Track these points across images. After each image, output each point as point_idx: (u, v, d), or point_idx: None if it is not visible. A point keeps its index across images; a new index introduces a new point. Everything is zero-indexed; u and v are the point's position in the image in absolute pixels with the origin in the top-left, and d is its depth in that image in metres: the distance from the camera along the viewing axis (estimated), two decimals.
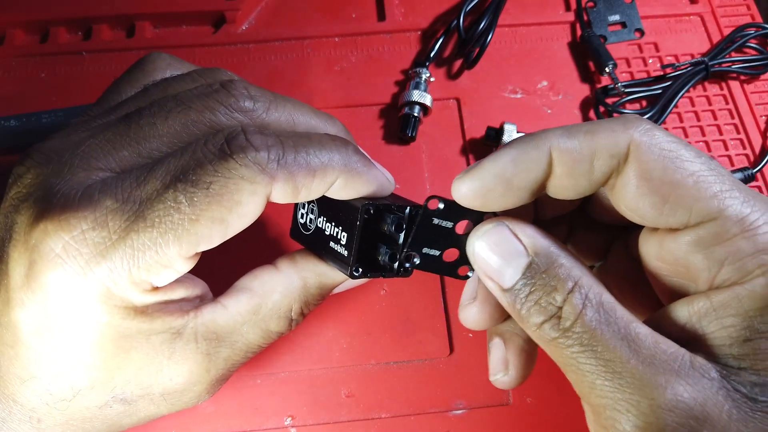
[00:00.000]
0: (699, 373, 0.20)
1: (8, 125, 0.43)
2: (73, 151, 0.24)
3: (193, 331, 0.25)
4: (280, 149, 0.24)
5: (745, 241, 0.20)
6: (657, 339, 0.21)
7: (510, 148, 0.23)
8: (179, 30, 0.50)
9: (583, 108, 0.46)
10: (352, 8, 0.51)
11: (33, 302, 0.23)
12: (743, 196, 0.21)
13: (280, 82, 0.47)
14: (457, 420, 0.35)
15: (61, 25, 0.49)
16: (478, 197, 0.24)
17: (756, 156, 0.45)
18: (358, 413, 0.36)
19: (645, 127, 0.22)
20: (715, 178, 0.21)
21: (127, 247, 0.22)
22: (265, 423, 0.35)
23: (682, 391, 0.20)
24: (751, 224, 0.20)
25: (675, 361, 0.20)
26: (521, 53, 0.49)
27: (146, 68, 0.29)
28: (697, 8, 0.51)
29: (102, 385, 0.24)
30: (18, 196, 0.24)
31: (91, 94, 0.45)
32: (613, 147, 0.22)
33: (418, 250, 0.26)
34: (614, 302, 0.22)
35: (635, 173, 0.22)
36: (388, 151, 0.44)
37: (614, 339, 0.21)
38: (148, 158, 0.24)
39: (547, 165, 0.23)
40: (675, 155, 0.22)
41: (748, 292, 0.20)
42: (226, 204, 0.23)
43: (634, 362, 0.20)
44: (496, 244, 0.24)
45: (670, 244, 0.23)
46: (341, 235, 0.27)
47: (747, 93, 0.47)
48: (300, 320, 0.28)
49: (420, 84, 0.45)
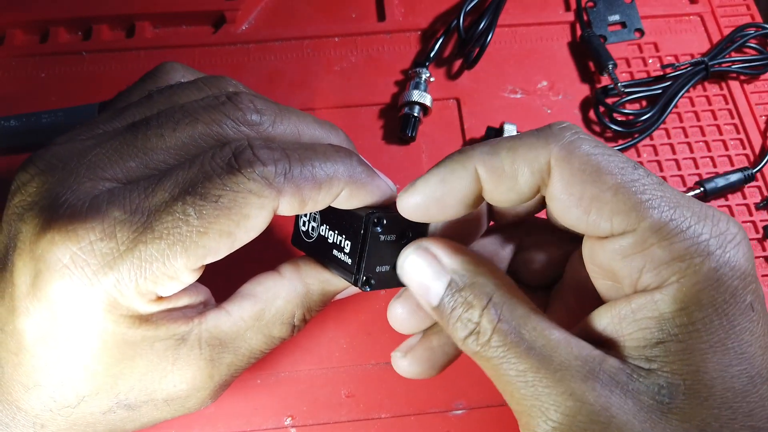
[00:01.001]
0: (608, 377, 0.21)
1: (8, 125, 0.43)
2: (79, 160, 0.24)
3: (197, 338, 0.25)
4: (286, 163, 0.24)
5: (662, 250, 0.21)
6: (570, 345, 0.22)
7: (438, 168, 0.24)
8: (179, 30, 0.50)
9: (583, 108, 0.46)
10: (352, 8, 0.51)
11: (38, 311, 0.23)
12: (665, 205, 0.21)
13: (280, 82, 0.47)
14: (457, 420, 0.35)
15: (61, 25, 0.49)
16: (419, 211, 0.25)
17: (756, 156, 0.45)
18: (358, 413, 0.36)
19: (567, 139, 0.23)
20: (636, 189, 0.22)
21: (134, 258, 0.22)
22: (265, 423, 0.35)
23: (588, 396, 0.20)
24: (668, 233, 0.21)
25: (585, 366, 0.21)
26: (521, 53, 0.49)
27: (158, 78, 0.29)
28: (697, 8, 0.51)
29: (106, 392, 0.24)
30: (22, 204, 0.24)
31: (91, 94, 0.46)
32: (533, 163, 0.23)
33: (372, 271, 0.27)
34: (528, 312, 0.23)
35: (558, 187, 0.22)
36: (388, 151, 0.44)
37: (528, 349, 0.22)
38: (155, 169, 0.24)
39: (475, 181, 0.24)
40: (596, 168, 0.22)
41: (663, 296, 0.21)
42: (234, 218, 0.23)
43: (544, 371, 0.21)
44: (419, 265, 0.25)
45: (598, 250, 0.23)
46: (344, 244, 0.27)
47: (747, 93, 0.47)
48: (302, 326, 0.29)
49: (420, 84, 0.45)
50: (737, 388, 0.20)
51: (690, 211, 0.21)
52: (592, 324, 0.23)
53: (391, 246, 0.27)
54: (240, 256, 0.26)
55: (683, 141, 0.45)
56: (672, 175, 0.44)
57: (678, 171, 0.44)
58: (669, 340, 0.21)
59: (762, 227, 0.42)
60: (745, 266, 0.21)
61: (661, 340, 0.21)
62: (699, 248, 0.21)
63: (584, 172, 0.22)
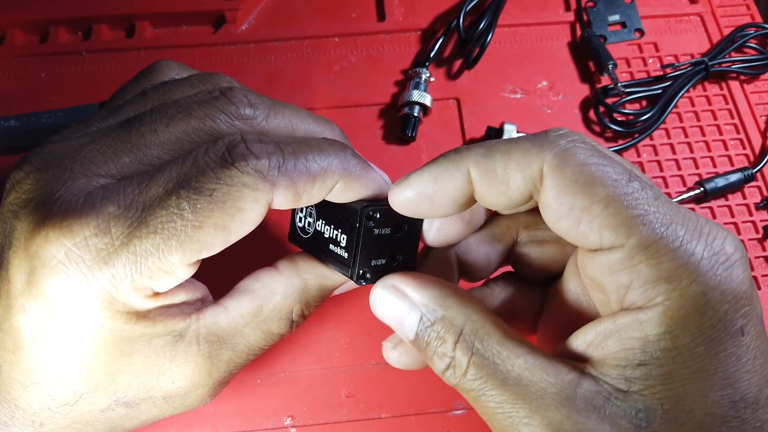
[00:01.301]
0: (585, 402, 0.21)
1: (8, 125, 0.43)
2: (74, 157, 0.24)
3: (194, 334, 0.25)
4: (280, 156, 0.24)
5: (649, 269, 0.21)
6: (546, 370, 0.22)
7: (432, 165, 0.24)
8: (179, 30, 0.50)
9: (582, 108, 0.46)
10: (351, 8, 0.51)
11: (34, 308, 0.23)
12: (657, 222, 0.21)
13: (280, 82, 0.47)
14: (457, 420, 0.35)
15: (61, 25, 0.49)
16: (410, 206, 0.25)
17: (756, 156, 0.45)
18: (358, 413, 0.36)
19: (562, 147, 0.22)
20: (628, 203, 0.21)
21: (129, 253, 0.22)
22: (265, 423, 0.35)
23: (565, 425, 0.20)
24: (657, 251, 0.20)
25: (561, 393, 0.21)
26: (521, 53, 0.49)
27: (153, 75, 0.29)
28: (697, 8, 0.51)
29: (104, 389, 0.24)
30: (17, 202, 0.24)
31: (91, 94, 0.46)
32: (526, 169, 0.22)
33: (367, 264, 0.27)
34: (502, 340, 0.23)
35: (549, 196, 0.22)
36: (388, 151, 0.44)
37: (504, 380, 0.22)
38: (149, 165, 0.24)
39: (467, 183, 0.24)
40: (589, 178, 0.21)
41: (648, 317, 0.21)
42: (228, 211, 0.23)
43: (521, 402, 0.21)
44: (390, 302, 0.25)
45: (588, 262, 0.23)
46: (341, 238, 0.27)
47: (747, 93, 0.47)
48: (300, 322, 0.28)
49: (420, 84, 0.45)
50: (718, 414, 0.20)
51: (684, 229, 0.21)
52: (577, 338, 0.23)
53: (386, 239, 0.27)
54: (236, 252, 0.26)
55: (683, 141, 0.45)
56: (672, 175, 0.44)
57: (678, 171, 0.44)
58: (651, 363, 0.20)
59: (762, 227, 0.42)
60: (738, 289, 0.20)
61: (643, 362, 0.21)
62: (688, 269, 0.20)
63: (576, 183, 0.22)
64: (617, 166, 0.22)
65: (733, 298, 0.20)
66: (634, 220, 0.21)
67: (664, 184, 0.44)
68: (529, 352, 0.22)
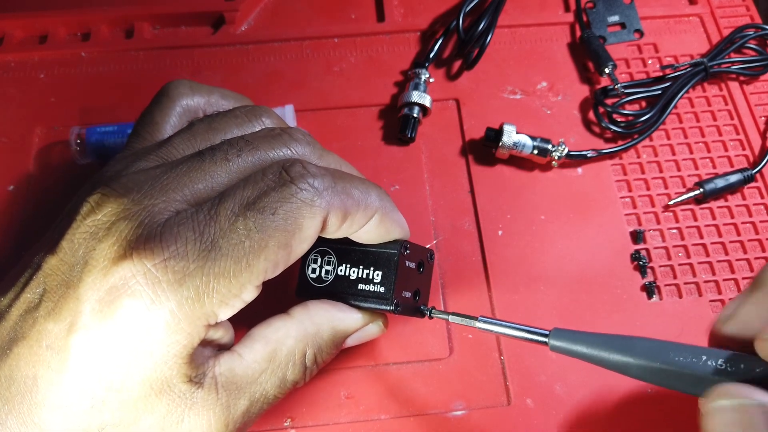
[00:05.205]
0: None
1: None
2: (153, 184, 0.25)
3: (212, 381, 0.25)
4: (331, 180, 0.26)
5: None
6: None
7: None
8: (178, 31, 0.50)
9: (582, 109, 0.46)
10: (351, 9, 0.51)
11: (98, 328, 0.23)
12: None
13: (280, 83, 0.47)
14: (456, 421, 0.35)
15: (61, 25, 0.49)
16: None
17: (755, 157, 0.45)
18: (358, 414, 0.36)
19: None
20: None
21: (204, 275, 0.23)
22: (264, 424, 0.35)
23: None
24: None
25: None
26: (520, 54, 0.49)
27: (171, 94, 0.31)
28: (697, 9, 0.51)
29: (126, 427, 0.24)
30: (97, 224, 0.25)
31: (91, 95, 0.46)
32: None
33: (399, 295, 0.30)
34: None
35: None
36: (388, 152, 0.44)
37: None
38: (218, 191, 0.26)
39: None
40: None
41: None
42: (289, 228, 0.25)
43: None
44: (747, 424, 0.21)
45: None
46: (374, 275, 0.30)
47: (746, 94, 0.47)
48: (314, 369, 0.29)
49: (419, 85, 0.45)
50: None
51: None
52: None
53: (413, 275, 0.31)
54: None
55: (683, 142, 0.45)
56: (671, 176, 0.44)
57: (677, 172, 0.44)
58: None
59: (762, 228, 0.42)
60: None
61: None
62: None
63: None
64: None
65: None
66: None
67: (664, 185, 0.44)
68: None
